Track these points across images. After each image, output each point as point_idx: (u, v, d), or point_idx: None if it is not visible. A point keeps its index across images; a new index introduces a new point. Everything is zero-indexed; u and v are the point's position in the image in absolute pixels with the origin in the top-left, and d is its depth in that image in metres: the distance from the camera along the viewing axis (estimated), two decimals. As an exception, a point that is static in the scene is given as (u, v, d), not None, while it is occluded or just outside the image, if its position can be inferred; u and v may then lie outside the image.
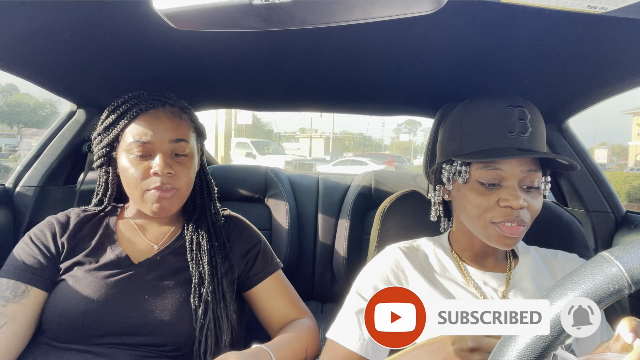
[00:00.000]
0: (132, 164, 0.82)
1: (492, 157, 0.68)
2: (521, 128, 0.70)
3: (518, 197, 0.67)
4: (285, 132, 43.32)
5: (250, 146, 17.67)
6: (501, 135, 0.70)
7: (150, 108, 0.84)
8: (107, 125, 0.84)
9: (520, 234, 0.69)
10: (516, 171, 0.69)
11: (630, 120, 31.94)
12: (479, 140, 0.71)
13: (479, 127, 0.72)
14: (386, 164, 18.67)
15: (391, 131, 56.24)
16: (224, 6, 0.44)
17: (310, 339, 0.87)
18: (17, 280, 0.78)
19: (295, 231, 1.58)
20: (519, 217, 0.68)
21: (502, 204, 0.68)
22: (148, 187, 0.81)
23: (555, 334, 0.33)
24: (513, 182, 0.69)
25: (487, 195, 0.70)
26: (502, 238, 0.69)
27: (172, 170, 0.82)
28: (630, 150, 31.38)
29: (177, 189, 0.84)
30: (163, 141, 0.82)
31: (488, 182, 0.70)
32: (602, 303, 0.33)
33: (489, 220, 0.70)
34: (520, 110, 0.71)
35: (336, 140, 36.77)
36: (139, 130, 0.82)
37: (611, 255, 0.34)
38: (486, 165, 0.70)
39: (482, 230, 0.71)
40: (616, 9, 0.48)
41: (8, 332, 0.74)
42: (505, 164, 0.69)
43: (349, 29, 0.71)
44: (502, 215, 0.68)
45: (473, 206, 0.71)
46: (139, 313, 0.78)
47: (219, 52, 0.86)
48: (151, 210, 0.83)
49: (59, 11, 0.67)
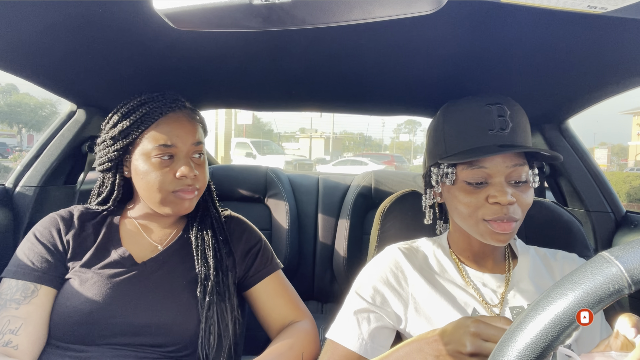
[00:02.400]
0: (154, 167, 0.82)
1: (473, 157, 0.68)
2: (501, 124, 0.70)
3: (506, 193, 0.68)
4: (285, 132, 43.36)
5: (250, 146, 17.66)
6: (482, 133, 0.70)
7: (170, 111, 0.84)
8: (123, 129, 0.83)
9: (512, 229, 0.69)
10: (501, 167, 0.69)
11: (630, 120, 31.95)
12: (461, 141, 0.72)
13: (460, 128, 0.73)
14: (386, 164, 18.67)
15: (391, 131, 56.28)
16: (224, 6, 0.44)
17: (307, 343, 0.86)
18: (26, 281, 0.78)
19: (295, 231, 1.58)
20: (508, 213, 0.68)
21: (490, 200, 0.69)
22: (173, 189, 0.82)
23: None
24: (500, 179, 0.69)
25: (475, 193, 0.71)
26: (495, 234, 0.70)
27: (196, 172, 0.84)
28: (630, 150, 31.39)
29: (199, 189, 0.86)
30: (186, 144, 0.84)
31: (475, 181, 0.70)
32: (602, 303, 0.33)
33: (480, 218, 0.71)
34: (499, 107, 0.71)
35: (336, 140, 36.79)
36: (162, 134, 0.82)
37: (611, 255, 0.34)
38: (470, 164, 0.70)
39: (475, 228, 0.72)
40: (616, 9, 0.48)
41: (26, 333, 0.74)
42: (489, 162, 0.69)
43: (349, 29, 0.71)
44: (492, 213, 0.69)
45: (463, 205, 0.72)
46: (144, 313, 0.78)
47: (219, 52, 0.86)
48: (172, 211, 0.84)
49: (59, 11, 0.67)
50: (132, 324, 0.77)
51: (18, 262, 0.80)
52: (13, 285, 0.78)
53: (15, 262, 0.80)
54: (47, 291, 0.78)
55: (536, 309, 0.35)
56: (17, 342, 0.73)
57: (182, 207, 0.84)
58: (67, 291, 0.79)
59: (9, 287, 0.78)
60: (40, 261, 0.80)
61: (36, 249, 0.81)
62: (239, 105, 1.47)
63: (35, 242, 0.82)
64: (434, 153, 0.78)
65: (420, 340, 0.60)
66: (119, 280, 0.80)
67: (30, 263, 0.79)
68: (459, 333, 0.55)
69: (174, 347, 0.79)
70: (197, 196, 0.87)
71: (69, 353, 0.76)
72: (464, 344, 0.54)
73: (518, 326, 0.35)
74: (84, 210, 0.90)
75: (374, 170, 1.68)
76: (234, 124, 19.87)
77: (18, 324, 0.74)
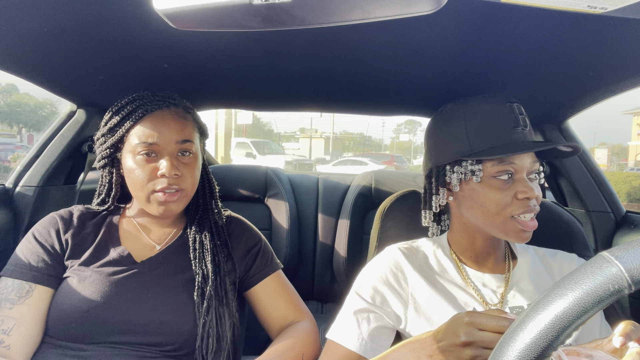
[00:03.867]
0: (138, 165, 0.82)
1: (510, 152, 0.69)
2: (524, 122, 0.73)
3: (533, 188, 0.70)
4: (285, 132, 43.34)
5: (250, 146, 17.65)
6: (509, 130, 0.72)
7: (156, 109, 0.84)
8: (112, 127, 0.84)
9: (535, 225, 0.71)
10: (526, 163, 0.71)
11: (630, 120, 31.94)
12: (489, 138, 0.72)
13: (486, 124, 0.73)
14: (386, 164, 18.68)
15: (391, 131, 56.29)
16: (224, 6, 0.44)
17: (308, 344, 0.86)
18: (22, 280, 0.78)
19: (295, 231, 1.58)
20: (536, 206, 0.71)
21: (520, 196, 0.70)
22: (155, 188, 0.82)
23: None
24: (522, 175, 0.71)
25: (505, 190, 0.71)
26: (521, 232, 0.71)
27: (179, 172, 0.82)
28: (630, 150, 31.38)
29: (184, 189, 0.84)
30: (169, 142, 0.83)
31: (505, 177, 0.71)
32: (602, 303, 0.33)
33: (509, 215, 0.71)
34: (518, 105, 0.74)
35: (336, 140, 36.78)
36: (145, 131, 0.82)
37: (611, 255, 0.34)
38: (501, 160, 0.70)
39: (502, 226, 0.71)
40: (616, 9, 0.48)
41: (18, 334, 0.74)
42: (517, 158, 0.71)
43: (349, 28, 0.71)
44: (521, 208, 0.70)
45: (492, 203, 0.71)
46: (142, 312, 0.78)
47: (219, 52, 0.86)
48: (157, 211, 0.83)
49: (59, 11, 0.67)
50: (130, 322, 0.77)
51: (16, 262, 0.80)
52: (9, 285, 0.78)
53: (13, 261, 0.81)
54: (42, 291, 0.78)
55: (536, 309, 0.35)
56: (10, 342, 0.74)
57: (166, 208, 0.83)
58: (66, 289, 0.79)
59: (5, 287, 0.78)
60: (37, 261, 0.80)
61: (34, 249, 0.81)
62: (239, 105, 1.47)
63: (34, 242, 0.82)
64: (451, 151, 0.75)
65: (415, 342, 0.61)
66: (117, 278, 0.80)
67: (28, 262, 0.80)
68: (453, 326, 0.56)
69: (172, 346, 0.79)
70: (184, 198, 0.85)
71: (68, 352, 0.76)
72: (457, 334, 0.54)
73: (518, 326, 0.35)
74: (84, 210, 0.90)
75: (374, 170, 1.68)
76: (234, 124, 19.87)
77: (11, 324, 0.75)
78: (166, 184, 0.81)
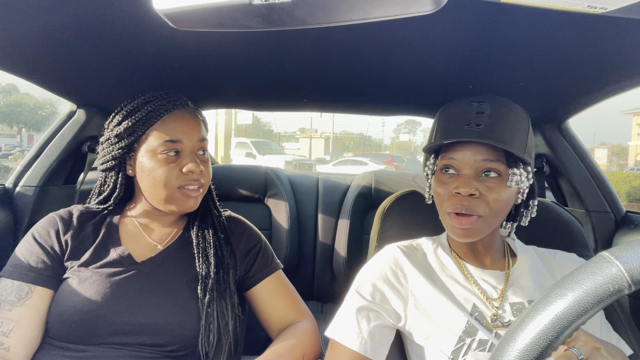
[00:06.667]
0: (160, 164, 0.82)
1: (437, 144, 0.73)
2: (477, 120, 0.71)
3: (469, 185, 0.69)
4: (285, 132, 43.26)
5: (250, 146, 17.64)
6: (459, 127, 0.72)
7: (175, 109, 0.86)
8: (129, 127, 0.83)
9: (470, 224, 0.70)
10: (470, 160, 0.71)
11: (630, 120, 31.94)
12: (443, 135, 0.74)
13: (447, 123, 0.75)
14: (386, 164, 18.67)
15: (391, 131, 56.14)
16: (224, 6, 0.44)
17: (308, 344, 0.86)
18: (21, 281, 0.78)
19: (295, 231, 1.58)
20: (467, 205, 0.69)
21: (454, 191, 0.71)
22: (180, 185, 0.83)
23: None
24: (468, 171, 0.71)
25: (445, 184, 0.73)
26: (455, 228, 0.72)
27: (202, 168, 0.85)
28: (630, 150, 31.38)
29: (204, 185, 0.87)
30: (192, 140, 0.85)
31: (445, 170, 0.73)
32: (602, 303, 0.33)
33: (445, 210, 0.73)
34: (481, 104, 0.72)
35: (336, 140, 36.77)
36: (168, 130, 0.83)
37: (611, 255, 0.34)
38: (443, 155, 0.74)
39: (443, 220, 0.74)
40: (616, 9, 0.48)
41: (18, 335, 0.74)
42: (458, 154, 0.72)
43: (349, 28, 0.71)
44: (453, 204, 0.71)
45: (436, 195, 0.76)
46: (143, 312, 0.78)
47: (219, 52, 0.86)
48: (181, 207, 0.85)
49: (59, 11, 0.67)
50: (131, 323, 0.77)
51: (15, 262, 0.80)
52: (9, 286, 0.78)
53: (12, 262, 0.80)
54: (41, 292, 0.78)
55: (536, 308, 0.35)
56: (9, 344, 0.74)
57: (187, 204, 0.85)
58: (66, 290, 0.78)
59: (4, 288, 0.78)
60: (37, 262, 0.80)
61: (33, 250, 0.81)
62: (239, 105, 1.47)
63: (33, 243, 0.82)
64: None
65: None
66: (118, 279, 0.80)
67: (27, 263, 0.79)
68: None
69: (173, 346, 0.79)
70: (202, 193, 0.88)
71: (68, 352, 0.76)
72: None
73: (518, 326, 0.35)
74: (83, 210, 0.90)
75: (374, 170, 1.68)
76: (234, 124, 19.86)
77: (10, 326, 0.74)
78: (191, 180, 0.84)
